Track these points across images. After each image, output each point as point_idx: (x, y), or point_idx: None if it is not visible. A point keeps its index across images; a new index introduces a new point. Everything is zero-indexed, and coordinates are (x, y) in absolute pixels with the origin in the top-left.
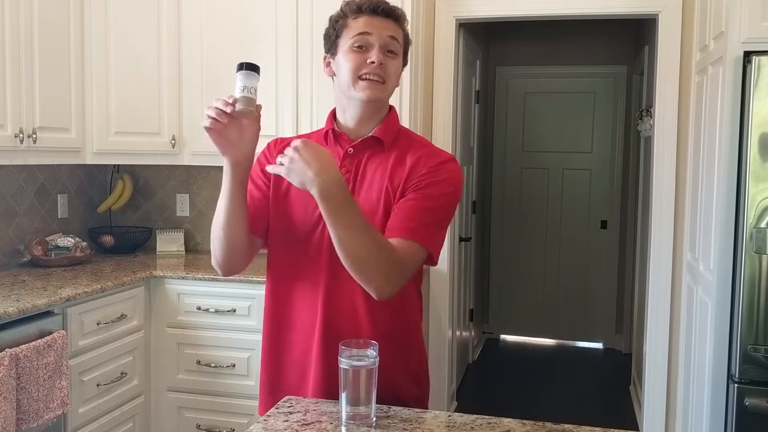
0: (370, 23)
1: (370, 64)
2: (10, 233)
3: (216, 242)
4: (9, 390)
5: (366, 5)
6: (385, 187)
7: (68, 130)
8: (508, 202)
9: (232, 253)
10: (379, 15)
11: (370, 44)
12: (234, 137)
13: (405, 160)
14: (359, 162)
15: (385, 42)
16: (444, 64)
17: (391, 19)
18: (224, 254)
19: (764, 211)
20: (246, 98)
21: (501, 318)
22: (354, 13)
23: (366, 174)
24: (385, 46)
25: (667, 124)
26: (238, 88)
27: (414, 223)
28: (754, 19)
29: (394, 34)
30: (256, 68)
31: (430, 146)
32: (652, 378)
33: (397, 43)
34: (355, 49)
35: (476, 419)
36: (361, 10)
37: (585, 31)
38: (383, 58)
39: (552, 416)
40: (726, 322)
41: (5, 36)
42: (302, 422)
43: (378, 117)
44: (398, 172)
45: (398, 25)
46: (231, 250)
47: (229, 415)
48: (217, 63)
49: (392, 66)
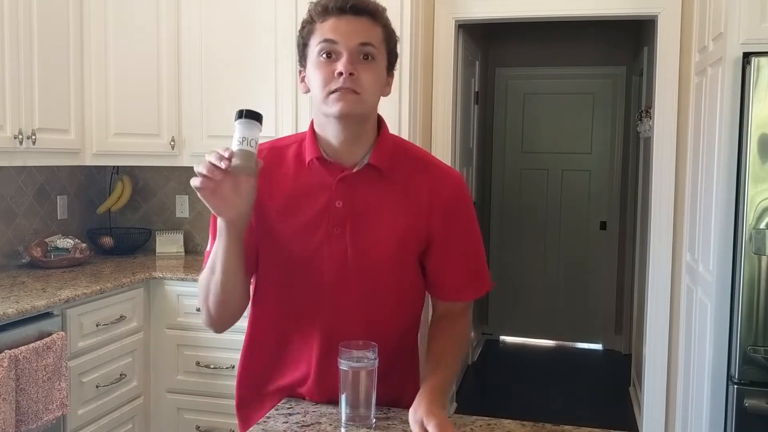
0: (337, 27)
1: (338, 76)
2: (10, 234)
3: (213, 304)
4: (8, 391)
5: (332, 4)
6: (400, 219)
7: (67, 132)
8: (508, 204)
9: (232, 309)
10: (348, 14)
11: (337, 52)
12: (228, 194)
13: (418, 189)
14: (355, 190)
15: (354, 49)
16: (443, 65)
17: (364, 16)
18: (224, 314)
19: (764, 212)
20: (244, 152)
21: (500, 319)
22: (320, 16)
23: (369, 204)
24: (356, 53)
25: (666, 125)
26: (236, 140)
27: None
28: (754, 20)
29: (367, 37)
30: (258, 116)
31: (435, 165)
32: (651, 379)
33: (371, 47)
34: (322, 60)
35: (476, 420)
36: (327, 11)
37: (584, 33)
38: (353, 67)
39: (552, 417)
40: (725, 323)
41: (4, 37)
42: (302, 423)
43: (366, 137)
44: (413, 204)
45: (375, 21)
46: (231, 307)
47: (229, 416)
48: (217, 64)
49: (367, 75)
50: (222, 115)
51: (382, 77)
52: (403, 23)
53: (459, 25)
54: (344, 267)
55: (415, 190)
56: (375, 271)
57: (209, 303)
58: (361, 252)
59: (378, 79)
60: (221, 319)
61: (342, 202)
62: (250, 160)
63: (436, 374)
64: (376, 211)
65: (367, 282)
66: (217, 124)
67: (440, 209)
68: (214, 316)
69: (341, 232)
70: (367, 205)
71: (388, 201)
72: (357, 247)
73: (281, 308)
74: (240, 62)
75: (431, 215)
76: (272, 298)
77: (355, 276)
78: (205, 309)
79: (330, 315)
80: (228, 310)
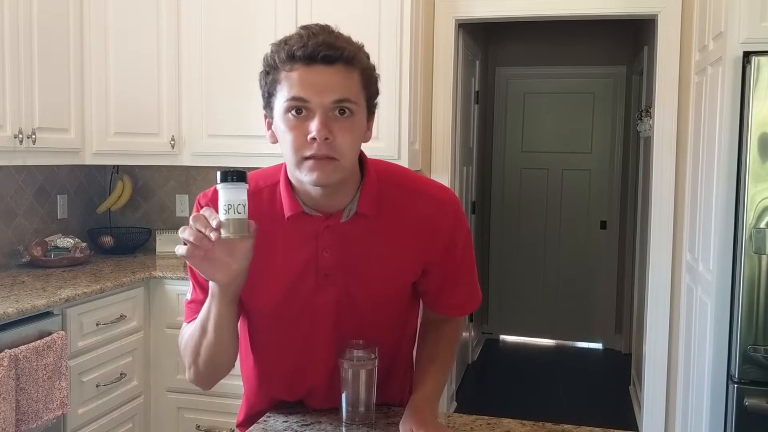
0: (307, 80)
1: (311, 141)
2: (10, 234)
3: (204, 363)
4: (8, 391)
5: (299, 52)
6: (393, 261)
7: (67, 131)
8: (508, 203)
9: (224, 366)
10: (318, 63)
11: (309, 109)
12: (221, 257)
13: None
14: (343, 238)
15: (328, 106)
16: (443, 64)
17: (338, 64)
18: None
19: (764, 212)
20: (233, 222)
21: (500, 318)
22: (285, 64)
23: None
24: (331, 110)
25: (666, 124)
26: (222, 208)
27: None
28: (754, 19)
29: (342, 91)
30: (242, 176)
31: (428, 195)
32: (651, 378)
33: (347, 103)
34: (292, 117)
35: (476, 419)
36: (294, 58)
37: (584, 32)
38: (327, 131)
39: (551, 416)
40: (725, 323)
41: (4, 37)
42: (302, 423)
43: (349, 185)
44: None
45: (351, 68)
46: (223, 364)
47: (229, 415)
48: (217, 63)
49: (344, 136)
50: (222, 114)
51: (361, 131)
52: (403, 22)
53: (459, 24)
54: (337, 313)
55: (411, 225)
56: (370, 313)
57: (199, 363)
58: (354, 298)
59: (357, 137)
60: (213, 376)
61: (331, 251)
62: (241, 228)
63: (426, 383)
64: (368, 257)
65: (362, 322)
66: (216, 124)
67: (440, 242)
68: (204, 375)
69: (332, 281)
70: (358, 251)
71: (381, 245)
72: (350, 294)
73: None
74: (240, 62)
75: (430, 247)
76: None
77: (350, 319)
78: (194, 369)
79: (327, 354)
80: (220, 367)
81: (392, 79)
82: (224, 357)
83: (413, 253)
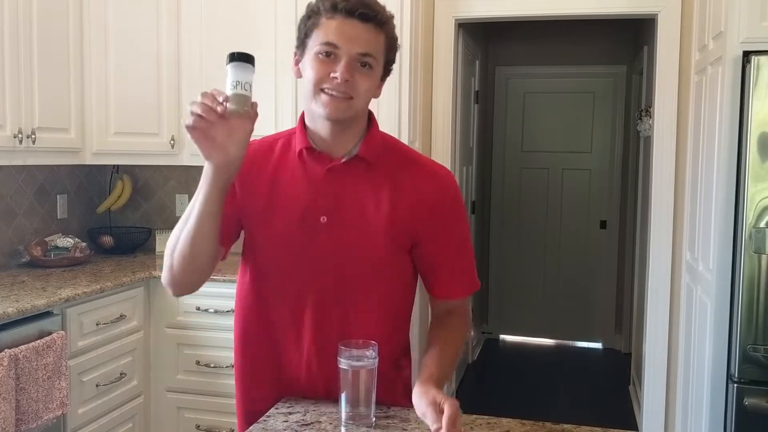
0: (342, 30)
1: (332, 78)
2: (10, 234)
3: (178, 257)
4: (8, 391)
5: (342, 4)
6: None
7: (67, 131)
8: (508, 203)
9: (195, 271)
10: (354, 18)
11: (337, 55)
12: (221, 138)
13: (404, 185)
14: (343, 182)
15: (354, 56)
16: (443, 64)
17: (370, 24)
18: (186, 273)
19: (763, 211)
20: (239, 96)
21: (500, 318)
22: (328, 12)
23: (357, 195)
24: (355, 60)
25: (666, 124)
26: (230, 84)
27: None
28: (754, 18)
29: (368, 47)
30: (250, 59)
31: (422, 163)
32: (651, 378)
33: (370, 58)
34: (321, 58)
35: (476, 419)
36: (336, 9)
37: (584, 31)
38: (349, 75)
39: (551, 416)
40: (725, 322)
41: (4, 36)
42: (302, 422)
43: (355, 130)
44: (400, 198)
45: (379, 30)
46: (195, 267)
47: (229, 415)
48: (217, 63)
49: (363, 82)
50: None
51: (375, 84)
52: (403, 22)
53: (459, 23)
54: (333, 257)
55: (402, 186)
56: (363, 262)
57: (174, 256)
58: (349, 242)
59: (372, 86)
60: (182, 277)
61: (330, 192)
62: (246, 103)
63: (439, 363)
64: (364, 202)
65: (355, 271)
66: None
67: (425, 207)
68: (176, 271)
69: (329, 223)
70: (355, 195)
71: (376, 193)
72: (346, 237)
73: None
74: None
75: (416, 212)
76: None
77: (344, 265)
78: (168, 263)
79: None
80: (191, 266)
81: (392, 79)
82: (199, 248)
83: (402, 213)
